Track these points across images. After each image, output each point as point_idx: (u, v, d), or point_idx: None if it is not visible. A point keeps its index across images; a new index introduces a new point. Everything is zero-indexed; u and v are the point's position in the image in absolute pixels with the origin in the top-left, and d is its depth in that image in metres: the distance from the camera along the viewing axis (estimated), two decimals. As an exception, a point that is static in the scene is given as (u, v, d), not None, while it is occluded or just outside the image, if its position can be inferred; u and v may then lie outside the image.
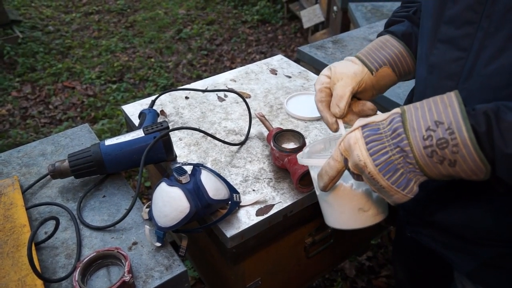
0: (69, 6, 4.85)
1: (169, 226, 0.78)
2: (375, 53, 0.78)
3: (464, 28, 0.59)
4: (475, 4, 0.56)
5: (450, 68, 0.62)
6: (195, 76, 3.41)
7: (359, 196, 0.67)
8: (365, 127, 0.56)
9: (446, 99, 0.52)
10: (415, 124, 0.52)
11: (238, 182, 0.94)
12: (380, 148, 0.54)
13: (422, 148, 0.51)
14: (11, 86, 3.25)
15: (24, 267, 0.73)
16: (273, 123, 1.12)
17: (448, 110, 0.51)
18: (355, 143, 0.56)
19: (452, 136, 0.49)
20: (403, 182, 0.54)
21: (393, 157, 0.53)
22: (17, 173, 0.98)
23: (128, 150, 0.90)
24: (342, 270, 1.79)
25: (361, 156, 0.55)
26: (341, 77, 0.75)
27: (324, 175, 0.63)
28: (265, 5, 4.64)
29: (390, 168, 0.53)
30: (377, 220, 0.68)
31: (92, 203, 0.90)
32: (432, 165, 0.51)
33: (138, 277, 0.75)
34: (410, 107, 0.54)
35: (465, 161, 0.49)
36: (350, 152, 0.57)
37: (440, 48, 0.63)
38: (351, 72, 0.75)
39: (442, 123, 0.50)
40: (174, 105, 1.22)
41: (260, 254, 0.93)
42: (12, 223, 0.82)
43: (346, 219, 0.70)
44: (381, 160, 0.54)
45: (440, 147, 0.50)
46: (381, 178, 0.54)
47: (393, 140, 0.53)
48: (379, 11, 2.42)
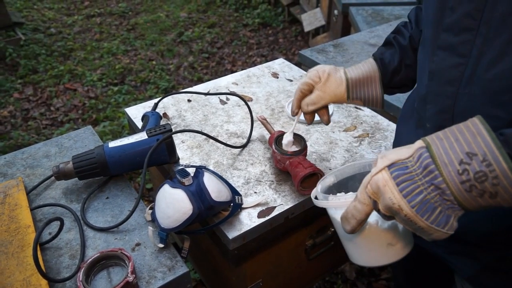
0: (71, 8, 4.87)
1: (172, 227, 0.79)
2: (361, 88, 0.85)
3: (463, 35, 0.59)
4: (473, 11, 0.57)
5: (450, 74, 0.62)
6: (196, 79, 3.43)
7: (386, 231, 0.65)
8: (392, 167, 0.53)
9: (472, 127, 0.49)
10: (445, 158, 0.49)
11: (240, 184, 0.95)
12: (414, 188, 0.51)
13: (459, 183, 0.48)
14: (13, 87, 3.26)
15: (29, 267, 0.74)
16: (275, 126, 1.14)
17: (478, 139, 0.48)
18: (384, 185, 0.53)
19: (490, 168, 0.46)
20: (442, 220, 0.51)
21: (429, 196, 0.50)
22: (22, 174, 0.99)
23: (131, 152, 0.92)
24: (343, 272, 1.79)
25: (394, 199, 0.52)
26: (325, 90, 0.84)
27: (351, 219, 0.59)
28: (266, 8, 4.66)
29: (427, 208, 0.50)
30: (406, 252, 0.66)
31: (95, 205, 0.91)
32: (471, 199, 0.49)
33: (141, 278, 0.76)
34: (433, 139, 0.52)
35: (506, 192, 0.47)
36: (380, 195, 0.54)
37: (440, 55, 0.64)
38: (334, 93, 0.84)
39: (476, 155, 0.47)
40: (176, 108, 1.23)
41: (262, 256, 0.94)
42: (17, 223, 0.82)
43: (376, 256, 0.67)
44: (416, 200, 0.51)
45: (479, 181, 0.47)
46: (419, 220, 0.51)
47: (426, 178, 0.50)
48: (380, 15, 2.44)
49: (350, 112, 1.21)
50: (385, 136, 1.11)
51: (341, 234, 0.70)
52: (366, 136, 1.11)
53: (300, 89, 0.87)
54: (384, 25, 2.01)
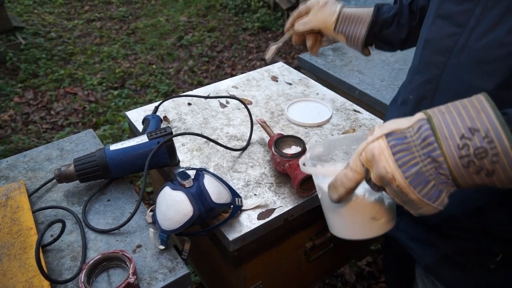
0: (72, 13, 4.89)
1: (172, 229, 0.79)
2: (349, 24, 0.91)
3: (465, 3, 0.61)
4: None
5: (443, 43, 0.64)
6: (196, 83, 3.44)
7: (372, 205, 0.63)
8: (390, 136, 0.52)
9: (476, 103, 0.48)
10: (446, 131, 0.48)
11: (240, 186, 0.96)
12: (410, 159, 0.50)
13: (458, 158, 0.47)
14: (13, 92, 3.27)
15: (31, 268, 0.74)
16: (274, 129, 1.15)
17: (482, 115, 0.47)
18: (380, 154, 0.51)
19: (491, 145, 0.46)
20: (434, 194, 0.50)
21: (424, 168, 0.49)
22: (23, 177, 1.00)
23: (132, 155, 0.92)
24: (342, 275, 1.80)
25: (388, 168, 0.50)
26: (318, 15, 0.92)
27: (340, 186, 0.58)
28: (266, 12, 4.68)
29: (421, 181, 0.49)
30: (388, 228, 0.65)
31: (97, 207, 0.92)
32: (467, 176, 0.48)
33: (142, 279, 0.76)
34: (435, 112, 0.51)
35: (504, 171, 0.46)
36: (374, 163, 0.52)
37: (438, 23, 0.66)
38: (324, 21, 0.91)
39: (478, 130, 0.46)
40: (177, 111, 1.24)
41: (262, 258, 0.95)
42: (19, 226, 0.83)
43: (358, 229, 0.66)
44: (411, 172, 0.49)
45: (479, 157, 0.46)
46: (411, 191, 0.50)
47: (424, 149, 0.49)
48: (378, 19, 2.45)
49: (349, 115, 1.22)
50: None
51: (325, 204, 0.70)
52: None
53: (298, 10, 0.95)
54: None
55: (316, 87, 1.36)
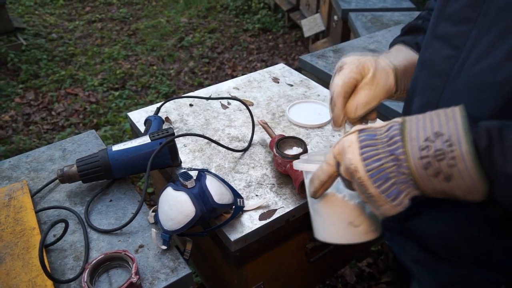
0: (73, 14, 4.91)
1: (175, 229, 0.80)
2: (406, 76, 0.73)
3: (461, 25, 0.58)
4: (474, 2, 0.56)
5: (440, 65, 0.61)
6: (197, 84, 3.45)
7: (350, 208, 0.64)
8: (362, 132, 0.55)
9: (449, 112, 0.50)
10: (414, 133, 0.50)
11: (241, 187, 0.97)
12: (374, 154, 0.52)
13: (418, 158, 0.49)
14: (14, 92, 3.28)
15: (34, 268, 0.75)
16: (276, 130, 1.15)
17: (450, 123, 0.49)
18: (349, 146, 0.54)
19: (450, 148, 0.47)
20: (393, 192, 0.51)
21: (386, 164, 0.51)
22: (26, 177, 1.00)
23: (135, 155, 0.93)
24: (343, 276, 1.80)
25: (353, 159, 0.53)
26: (376, 86, 0.69)
27: (315, 179, 0.60)
28: (266, 14, 4.69)
29: (381, 176, 0.51)
30: (367, 238, 0.64)
31: (99, 207, 0.92)
32: (426, 178, 0.49)
33: (145, 279, 0.77)
34: (412, 118, 0.52)
35: (461, 176, 0.47)
36: (343, 155, 0.55)
37: (435, 44, 0.63)
38: (386, 87, 0.70)
39: (442, 135, 0.48)
40: (178, 112, 1.25)
41: (263, 258, 0.96)
42: (22, 226, 0.84)
43: (335, 232, 0.66)
44: (373, 166, 0.52)
45: (437, 159, 0.48)
46: (371, 185, 0.52)
47: (389, 147, 0.51)
48: (379, 21, 2.46)
49: (350, 116, 1.23)
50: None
51: (309, 204, 0.71)
52: (366, 140, 1.12)
53: (342, 92, 0.69)
54: (383, 31, 2.04)
55: (317, 88, 1.37)
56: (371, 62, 0.70)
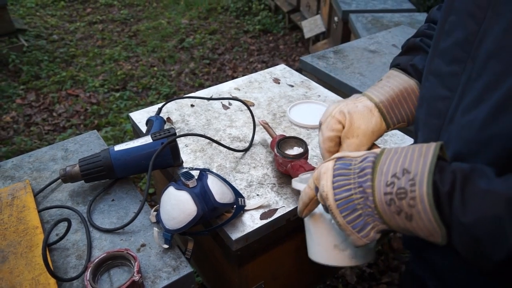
0: (74, 15, 4.92)
1: (176, 228, 0.81)
2: (397, 108, 0.71)
3: (452, 65, 0.55)
4: (464, 42, 0.53)
5: (437, 106, 0.58)
6: (198, 85, 3.45)
7: (336, 231, 0.64)
8: (339, 160, 0.56)
9: (424, 148, 0.49)
10: (385, 168, 0.50)
11: (242, 187, 0.97)
12: (345, 184, 0.53)
13: (383, 194, 0.49)
14: (15, 93, 3.29)
15: (37, 266, 0.75)
16: (276, 131, 1.16)
17: (420, 160, 0.48)
18: (324, 173, 0.56)
19: (412, 188, 0.47)
20: (359, 224, 0.52)
21: (355, 195, 0.52)
22: (29, 177, 1.01)
23: (136, 155, 0.94)
24: (343, 276, 1.80)
25: (325, 187, 0.54)
26: (357, 134, 0.69)
27: (300, 200, 0.63)
28: (267, 15, 4.70)
29: (348, 206, 0.52)
30: (353, 263, 0.64)
31: (101, 207, 0.93)
32: (390, 214, 0.49)
33: (147, 278, 0.77)
34: (390, 150, 0.52)
35: (420, 218, 0.46)
36: (319, 180, 0.56)
37: (431, 81, 0.60)
38: (369, 131, 0.69)
39: (409, 172, 0.48)
40: (180, 112, 1.26)
41: (264, 258, 0.96)
42: (25, 225, 0.84)
43: (322, 253, 0.67)
44: (341, 196, 0.52)
45: (399, 197, 0.48)
46: (338, 214, 0.53)
47: (359, 178, 0.52)
48: (379, 22, 2.47)
49: (350, 116, 1.23)
50: (384, 141, 1.13)
51: (304, 221, 0.73)
52: (366, 140, 1.13)
53: (327, 150, 0.72)
54: (384, 32, 2.04)
55: (318, 89, 1.37)
56: (347, 109, 0.70)
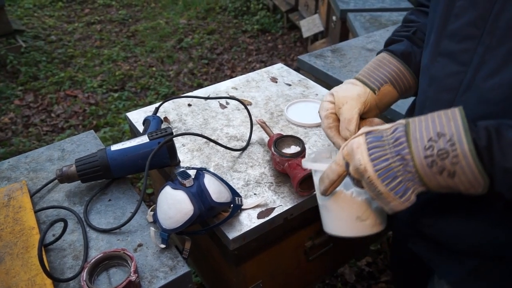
0: (72, 16, 4.91)
1: (173, 228, 0.80)
2: (374, 73, 0.79)
3: (465, 42, 0.61)
4: (477, 20, 0.58)
5: (448, 81, 0.64)
6: (196, 85, 3.45)
7: (358, 204, 0.68)
8: (369, 134, 0.58)
9: (450, 113, 0.54)
10: (417, 134, 0.54)
11: (240, 186, 0.97)
12: (381, 154, 0.56)
13: (423, 157, 0.52)
14: (13, 94, 3.28)
15: (33, 267, 0.75)
16: (274, 130, 1.15)
17: (451, 123, 0.52)
18: (357, 147, 0.58)
19: (453, 148, 0.51)
20: (401, 190, 0.55)
21: (393, 164, 0.55)
22: (25, 178, 1.00)
23: (133, 155, 0.93)
24: (342, 275, 1.80)
25: (362, 160, 0.56)
26: (346, 101, 0.76)
27: (325, 178, 0.64)
28: (265, 15, 4.70)
29: (389, 175, 0.55)
30: (374, 230, 0.69)
31: (98, 207, 0.93)
32: (431, 175, 0.53)
33: (144, 278, 0.77)
34: (414, 120, 0.56)
35: (463, 173, 0.51)
36: (352, 156, 0.58)
37: (441, 61, 0.65)
38: (355, 94, 0.76)
39: (444, 135, 0.52)
40: (177, 112, 1.25)
41: (261, 257, 0.96)
42: (21, 225, 0.84)
43: (343, 226, 0.71)
44: (381, 166, 0.55)
45: (441, 158, 0.51)
46: (379, 184, 0.55)
47: (395, 148, 0.55)
48: (377, 21, 2.47)
49: (348, 115, 1.23)
50: (382, 139, 1.13)
51: (319, 200, 0.74)
52: (364, 139, 1.12)
53: (327, 127, 0.78)
54: (382, 31, 2.04)
55: (315, 88, 1.37)
56: (334, 90, 0.79)
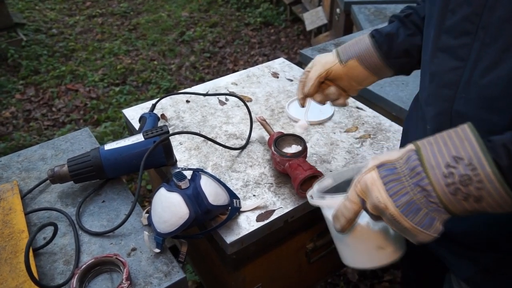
0: (73, 9, 4.87)
1: (168, 232, 0.77)
2: (349, 47, 0.86)
3: (462, 38, 0.60)
4: (471, 15, 0.58)
5: (448, 77, 0.63)
6: (198, 79, 3.41)
7: (376, 234, 0.65)
8: (381, 167, 0.55)
9: (460, 132, 0.51)
10: (432, 161, 0.51)
11: (238, 187, 0.93)
12: (400, 188, 0.52)
13: (445, 186, 0.49)
14: (14, 88, 3.26)
15: (22, 273, 0.72)
16: (274, 127, 1.11)
17: (465, 143, 0.49)
18: (372, 184, 0.54)
19: (474, 172, 0.48)
20: (426, 222, 0.52)
21: (414, 197, 0.51)
22: (17, 177, 0.97)
23: (127, 154, 0.90)
24: (345, 274, 1.77)
25: (380, 198, 0.53)
26: (315, 64, 0.86)
27: (341, 217, 0.60)
28: (268, 7, 4.63)
29: (412, 209, 0.51)
30: (396, 257, 0.66)
31: (91, 208, 0.89)
32: (456, 202, 0.50)
33: (137, 284, 0.74)
34: (424, 143, 0.53)
35: (490, 196, 0.48)
36: (368, 193, 0.55)
37: (440, 57, 0.65)
38: (324, 61, 0.86)
39: (462, 159, 0.49)
40: (175, 108, 1.22)
41: (261, 260, 0.92)
42: (11, 228, 0.81)
43: (364, 258, 0.68)
44: (402, 201, 0.52)
45: (464, 184, 0.48)
46: (404, 220, 0.52)
47: (412, 179, 0.52)
48: (382, 13, 2.41)
49: (352, 112, 1.19)
50: (387, 137, 1.09)
51: (333, 234, 0.71)
52: (368, 137, 1.08)
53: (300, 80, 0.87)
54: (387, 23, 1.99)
55: (318, 83, 1.33)
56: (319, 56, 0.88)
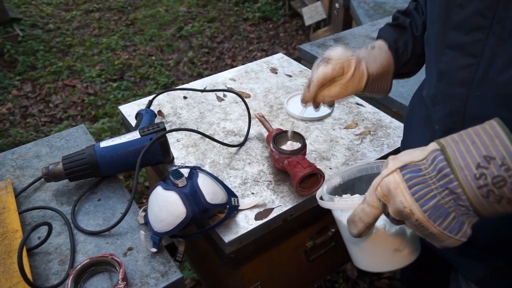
0: (70, 4, 4.82)
1: (165, 231, 0.76)
2: (377, 82, 0.82)
3: (474, 33, 0.56)
4: (484, 9, 0.54)
5: (460, 75, 0.59)
6: (196, 74, 3.38)
7: (393, 237, 0.63)
8: (404, 169, 0.51)
9: (489, 129, 0.47)
10: (461, 161, 0.47)
11: (236, 185, 0.92)
12: (427, 192, 0.49)
13: (476, 188, 0.46)
14: (11, 84, 3.23)
15: (15, 274, 0.70)
16: (273, 124, 1.10)
17: (496, 142, 0.46)
18: (395, 188, 0.50)
19: (509, 173, 0.44)
20: (455, 227, 0.48)
21: (443, 200, 0.48)
22: (11, 175, 0.96)
23: (123, 152, 0.88)
24: (344, 271, 1.76)
25: (405, 202, 0.49)
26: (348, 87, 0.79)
27: (359, 222, 0.57)
28: (267, 2, 4.60)
29: (440, 213, 0.48)
30: (413, 258, 0.64)
31: (87, 207, 0.88)
32: (488, 205, 0.47)
33: (133, 284, 0.72)
34: (448, 141, 0.49)
35: None
36: (391, 198, 0.51)
37: (449, 54, 0.61)
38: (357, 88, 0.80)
39: (494, 158, 0.45)
40: (172, 105, 1.20)
41: (260, 259, 0.91)
42: (4, 228, 0.79)
43: (380, 261, 0.65)
44: (429, 205, 0.48)
45: (497, 186, 0.45)
46: (431, 225, 0.49)
47: (440, 181, 0.48)
48: (382, 8, 2.39)
49: (351, 108, 1.18)
50: (387, 134, 1.07)
51: (346, 237, 0.68)
52: (368, 134, 1.07)
53: (320, 81, 0.79)
54: (386, 18, 1.97)
55: (317, 79, 1.31)
56: (354, 63, 0.78)
